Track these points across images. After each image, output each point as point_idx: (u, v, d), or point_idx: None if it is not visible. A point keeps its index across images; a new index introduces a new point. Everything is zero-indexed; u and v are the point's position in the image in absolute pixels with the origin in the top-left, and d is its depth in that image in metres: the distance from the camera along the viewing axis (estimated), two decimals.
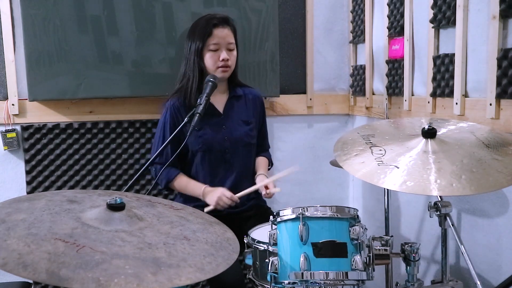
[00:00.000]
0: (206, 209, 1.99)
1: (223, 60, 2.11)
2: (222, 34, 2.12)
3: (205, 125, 2.14)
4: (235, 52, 2.17)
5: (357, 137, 1.68)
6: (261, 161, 2.33)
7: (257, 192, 2.35)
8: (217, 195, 2.01)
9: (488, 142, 1.52)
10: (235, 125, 2.20)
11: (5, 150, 2.50)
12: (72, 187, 2.57)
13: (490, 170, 1.40)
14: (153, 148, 2.24)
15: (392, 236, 1.69)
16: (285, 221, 1.45)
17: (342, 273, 1.38)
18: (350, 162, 1.55)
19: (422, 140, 1.55)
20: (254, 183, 2.34)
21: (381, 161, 1.50)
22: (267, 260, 1.46)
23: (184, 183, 2.16)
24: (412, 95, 2.26)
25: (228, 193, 2.02)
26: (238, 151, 2.20)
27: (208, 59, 2.12)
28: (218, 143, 2.16)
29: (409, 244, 1.62)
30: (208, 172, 2.17)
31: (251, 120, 2.25)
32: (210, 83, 2.03)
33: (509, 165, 1.41)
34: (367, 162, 1.51)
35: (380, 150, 1.55)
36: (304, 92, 2.84)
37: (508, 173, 1.38)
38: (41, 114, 2.53)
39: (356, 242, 1.42)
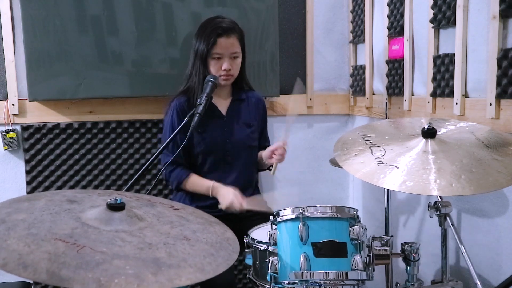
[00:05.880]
0: (219, 207, 2.02)
1: (224, 69, 2.11)
2: (226, 44, 2.11)
3: (207, 127, 2.15)
4: (238, 60, 2.17)
5: (357, 137, 1.68)
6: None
7: (258, 192, 2.35)
8: (226, 203, 2.00)
9: (488, 142, 1.52)
10: (237, 128, 2.21)
11: (5, 150, 2.50)
12: (72, 187, 2.57)
13: (490, 170, 1.39)
14: (164, 151, 2.15)
15: (392, 236, 1.70)
16: (285, 221, 1.45)
17: (342, 273, 1.38)
18: (350, 162, 1.55)
19: (422, 140, 1.55)
20: (256, 185, 2.35)
21: (381, 161, 1.50)
22: (267, 260, 1.46)
23: (195, 182, 2.14)
24: (412, 95, 2.26)
25: (238, 203, 1.98)
26: (239, 153, 2.20)
27: (211, 67, 2.13)
28: (220, 145, 2.17)
29: (409, 244, 1.62)
30: (209, 173, 2.17)
31: (253, 122, 2.26)
32: (210, 83, 2.03)
33: (509, 165, 1.41)
34: (367, 162, 1.51)
35: (380, 150, 1.55)
36: (304, 92, 2.84)
37: (508, 173, 1.38)
38: (41, 114, 2.53)
39: (356, 242, 1.42)
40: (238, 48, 2.15)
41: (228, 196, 2.01)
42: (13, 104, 2.49)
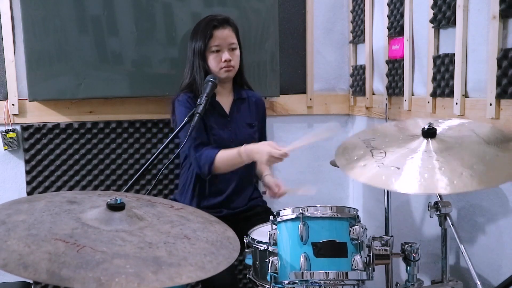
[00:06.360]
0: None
1: (225, 61, 2.11)
2: (223, 35, 2.12)
3: (214, 125, 2.14)
4: (237, 52, 2.18)
5: (358, 141, 1.67)
6: None
7: (258, 192, 2.35)
8: (265, 158, 1.91)
9: (488, 139, 1.52)
10: (240, 128, 2.21)
11: (5, 150, 2.50)
12: (72, 187, 2.57)
13: (493, 166, 1.38)
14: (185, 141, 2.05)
15: (392, 236, 1.69)
16: (285, 221, 1.46)
17: (342, 273, 1.39)
18: (351, 166, 1.52)
19: (423, 141, 1.54)
20: (256, 185, 2.35)
21: (382, 163, 1.49)
22: (267, 260, 1.46)
23: (224, 156, 2.05)
24: (412, 95, 2.26)
25: (276, 152, 1.89)
26: None
27: (211, 61, 2.13)
28: (224, 144, 2.16)
29: (409, 244, 1.62)
30: None
31: (254, 123, 2.26)
32: (210, 83, 2.04)
33: (511, 160, 1.41)
34: (368, 165, 1.49)
35: (381, 152, 1.55)
36: (304, 92, 2.84)
37: (511, 167, 1.37)
38: (41, 114, 2.53)
39: (356, 242, 1.42)
40: (235, 40, 2.16)
41: (263, 148, 1.93)
42: (13, 104, 2.49)
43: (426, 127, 1.54)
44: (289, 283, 1.41)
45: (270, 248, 1.49)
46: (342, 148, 1.67)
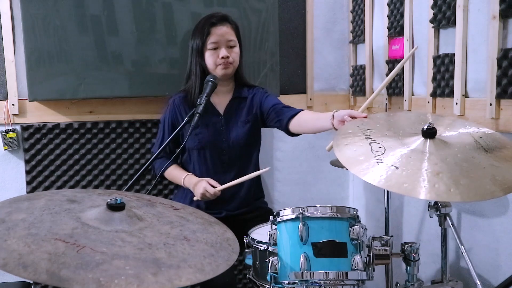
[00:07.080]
0: (194, 199, 2.08)
1: (222, 57, 2.10)
2: (221, 32, 2.12)
3: (202, 124, 2.13)
4: (236, 49, 2.16)
5: (357, 130, 1.63)
6: (306, 114, 2.09)
7: (260, 194, 2.34)
8: (200, 192, 2.03)
9: (487, 146, 1.50)
10: (234, 127, 2.19)
11: (5, 150, 2.50)
12: (72, 187, 2.57)
13: (486, 178, 1.35)
14: (156, 142, 2.30)
15: (392, 236, 1.69)
16: (285, 221, 1.46)
17: (342, 273, 1.39)
18: (345, 151, 1.49)
19: (422, 140, 1.53)
20: (259, 187, 2.34)
21: (381, 159, 1.47)
22: (267, 260, 1.46)
23: (173, 173, 2.21)
24: (412, 95, 2.26)
25: (211, 189, 2.02)
26: (236, 152, 2.19)
27: (208, 58, 2.13)
28: (215, 144, 2.16)
29: (409, 244, 1.62)
30: (205, 172, 2.17)
31: (249, 118, 2.21)
32: (210, 83, 2.03)
33: (507, 173, 1.38)
34: (367, 160, 1.47)
35: (380, 147, 1.52)
36: (304, 92, 2.84)
37: (503, 181, 1.35)
38: (41, 114, 2.53)
39: (356, 242, 1.42)
40: (234, 37, 2.15)
41: (201, 184, 2.04)
42: (13, 104, 2.48)
43: (426, 127, 1.53)
44: (289, 283, 1.41)
45: (270, 248, 1.49)
46: (340, 135, 1.62)
